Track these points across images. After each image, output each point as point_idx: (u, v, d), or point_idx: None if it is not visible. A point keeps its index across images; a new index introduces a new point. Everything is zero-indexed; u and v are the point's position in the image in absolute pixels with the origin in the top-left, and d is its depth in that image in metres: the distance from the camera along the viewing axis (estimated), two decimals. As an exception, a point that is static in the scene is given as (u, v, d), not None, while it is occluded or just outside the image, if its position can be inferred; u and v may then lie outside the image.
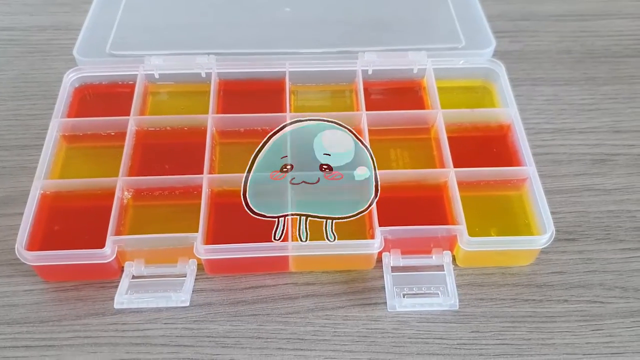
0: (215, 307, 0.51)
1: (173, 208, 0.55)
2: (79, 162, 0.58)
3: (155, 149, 0.58)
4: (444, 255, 0.52)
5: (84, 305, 0.51)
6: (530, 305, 0.52)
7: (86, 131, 0.59)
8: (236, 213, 0.53)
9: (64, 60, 0.68)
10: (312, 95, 0.64)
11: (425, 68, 0.63)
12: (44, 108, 0.64)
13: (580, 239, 0.55)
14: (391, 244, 0.51)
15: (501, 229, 0.54)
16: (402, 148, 0.59)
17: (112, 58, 0.62)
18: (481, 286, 0.53)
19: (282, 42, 0.64)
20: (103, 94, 0.63)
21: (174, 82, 0.63)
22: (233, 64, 0.62)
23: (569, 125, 0.64)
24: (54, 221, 0.53)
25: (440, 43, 0.65)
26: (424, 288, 0.51)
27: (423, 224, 0.52)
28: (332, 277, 0.53)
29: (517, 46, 0.71)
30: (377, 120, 0.59)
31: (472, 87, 0.64)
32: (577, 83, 0.68)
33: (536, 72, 0.69)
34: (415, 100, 0.63)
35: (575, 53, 0.71)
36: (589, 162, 0.61)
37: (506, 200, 0.56)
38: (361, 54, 0.62)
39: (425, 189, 0.56)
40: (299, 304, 0.51)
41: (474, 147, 0.59)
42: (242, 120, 0.59)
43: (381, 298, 0.51)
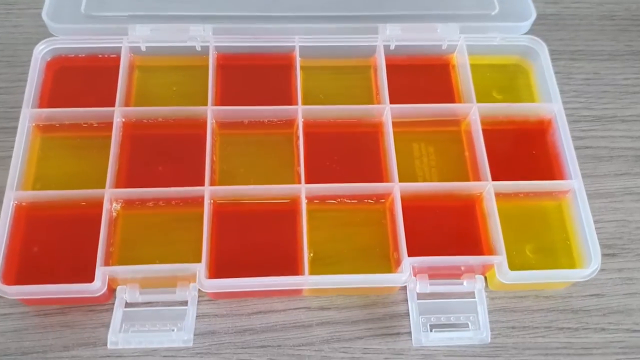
0: (219, 336, 0.46)
1: (169, 217, 0.48)
2: (57, 155, 0.50)
3: (145, 142, 0.50)
4: (476, 280, 0.46)
5: (71, 332, 0.45)
6: (565, 334, 0.47)
7: (64, 121, 0.50)
8: (242, 225, 0.47)
9: (31, 15, 0.58)
10: (325, 73, 0.55)
11: (456, 44, 0.55)
12: (11, 79, 0.55)
13: (621, 253, 0.50)
14: (418, 270, 0.46)
15: (538, 246, 0.48)
16: (428, 142, 0.52)
17: (89, 25, 0.53)
18: (513, 312, 0.48)
19: (289, 14, 0.55)
20: (81, 68, 0.54)
21: (164, 55, 0.54)
22: (233, 37, 0.53)
23: (611, 111, 0.57)
24: (32, 239, 0.46)
25: (470, 9, 0.57)
26: (453, 318, 0.46)
27: (455, 242, 0.47)
28: (349, 301, 0.48)
29: (554, 9, 0.63)
30: (402, 113, 0.51)
31: (505, 66, 0.57)
32: (621, 58, 0.60)
33: (575, 43, 0.60)
34: (443, 80, 0.55)
35: (619, 19, 0.62)
36: (631, 159, 0.55)
37: (543, 211, 0.50)
38: (382, 27, 0.54)
39: (456, 200, 0.49)
40: (312, 333, 0.46)
41: (510, 146, 0.52)
42: (246, 112, 0.51)
43: (404, 327, 0.47)
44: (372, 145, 0.52)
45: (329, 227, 0.48)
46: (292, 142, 0.51)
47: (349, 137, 0.52)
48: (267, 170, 0.50)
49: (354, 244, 0.48)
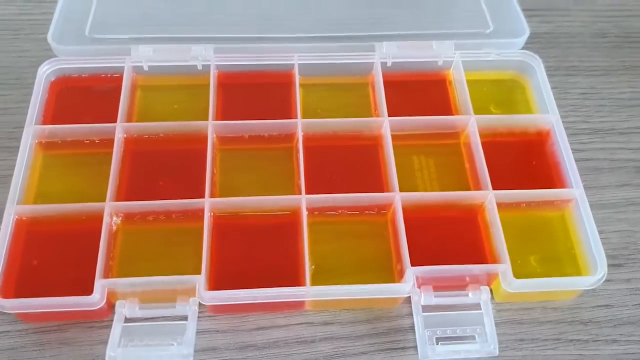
0: (220, 352, 0.44)
1: (169, 231, 0.47)
2: (58, 172, 0.50)
3: (146, 158, 0.50)
4: (481, 291, 0.45)
5: (70, 350, 0.44)
6: (575, 346, 0.46)
7: (66, 138, 0.50)
8: (242, 239, 0.47)
9: (36, 41, 0.58)
10: (323, 90, 0.55)
11: (451, 60, 0.55)
12: (16, 100, 0.55)
13: (627, 264, 0.50)
14: (422, 281, 0.45)
15: (542, 256, 0.48)
16: (428, 155, 0.52)
17: (93, 46, 0.54)
18: (521, 324, 0.47)
19: (288, 35, 0.55)
20: (84, 88, 0.54)
21: (166, 74, 0.54)
22: (234, 56, 0.54)
23: (609, 124, 0.57)
24: (31, 253, 0.45)
25: (465, 28, 0.57)
26: (459, 331, 0.45)
27: (458, 252, 0.46)
28: (353, 316, 0.46)
29: (547, 27, 0.63)
30: (400, 126, 0.51)
31: (501, 81, 0.57)
32: (615, 73, 0.60)
33: (569, 59, 0.61)
34: (440, 95, 0.55)
35: (611, 36, 0.63)
36: (632, 170, 0.54)
37: (546, 222, 0.49)
38: (379, 45, 0.54)
39: (458, 210, 0.49)
40: (316, 349, 0.45)
41: (509, 157, 0.52)
42: (247, 126, 0.51)
43: (409, 341, 0.45)
44: (372, 158, 0.51)
45: (330, 240, 0.48)
46: (293, 156, 0.51)
47: (348, 151, 0.52)
48: (268, 184, 0.49)
49: (356, 256, 0.47)
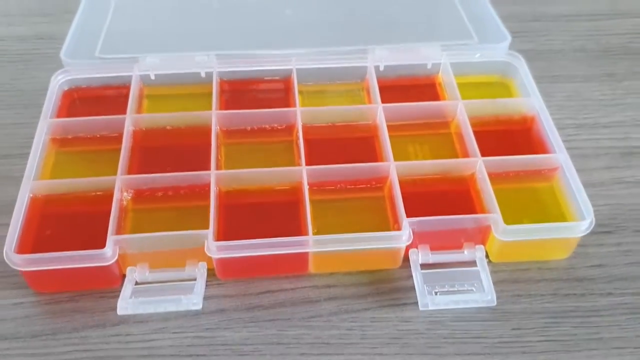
0: (228, 313, 0.46)
1: (178, 211, 0.50)
2: (70, 167, 0.53)
3: (154, 151, 0.54)
4: (476, 249, 0.47)
5: (81, 317, 0.46)
6: (572, 300, 0.47)
7: (78, 133, 0.54)
8: (248, 214, 0.49)
9: (47, 69, 0.61)
10: (321, 95, 0.60)
11: (439, 63, 0.60)
12: (29, 116, 0.58)
13: (617, 231, 0.52)
14: (419, 239, 0.47)
15: (534, 220, 0.49)
16: (422, 143, 0.56)
17: (102, 62, 0.59)
18: (517, 282, 0.48)
19: (285, 44, 0.60)
20: (94, 97, 0.59)
21: (172, 83, 0.59)
22: (235, 62, 0.59)
23: (592, 120, 0.61)
24: (45, 226, 0.48)
25: (452, 40, 0.62)
26: (457, 285, 0.46)
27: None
28: (355, 279, 0.48)
29: (530, 45, 0.68)
30: (394, 113, 0.55)
31: (488, 83, 0.61)
32: (597, 79, 0.65)
33: (554, 69, 0.66)
34: (431, 97, 0.59)
35: (591, 51, 0.68)
36: (618, 155, 0.57)
37: (536, 193, 0.52)
38: (371, 50, 0.59)
39: (451, 182, 0.52)
40: (321, 307, 0.47)
41: (498, 141, 0.55)
42: (249, 117, 0.55)
43: (410, 298, 0.47)
44: (369, 148, 0.55)
45: (331, 216, 0.50)
46: (293, 149, 0.54)
47: (346, 143, 0.55)
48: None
49: (356, 228, 0.49)
